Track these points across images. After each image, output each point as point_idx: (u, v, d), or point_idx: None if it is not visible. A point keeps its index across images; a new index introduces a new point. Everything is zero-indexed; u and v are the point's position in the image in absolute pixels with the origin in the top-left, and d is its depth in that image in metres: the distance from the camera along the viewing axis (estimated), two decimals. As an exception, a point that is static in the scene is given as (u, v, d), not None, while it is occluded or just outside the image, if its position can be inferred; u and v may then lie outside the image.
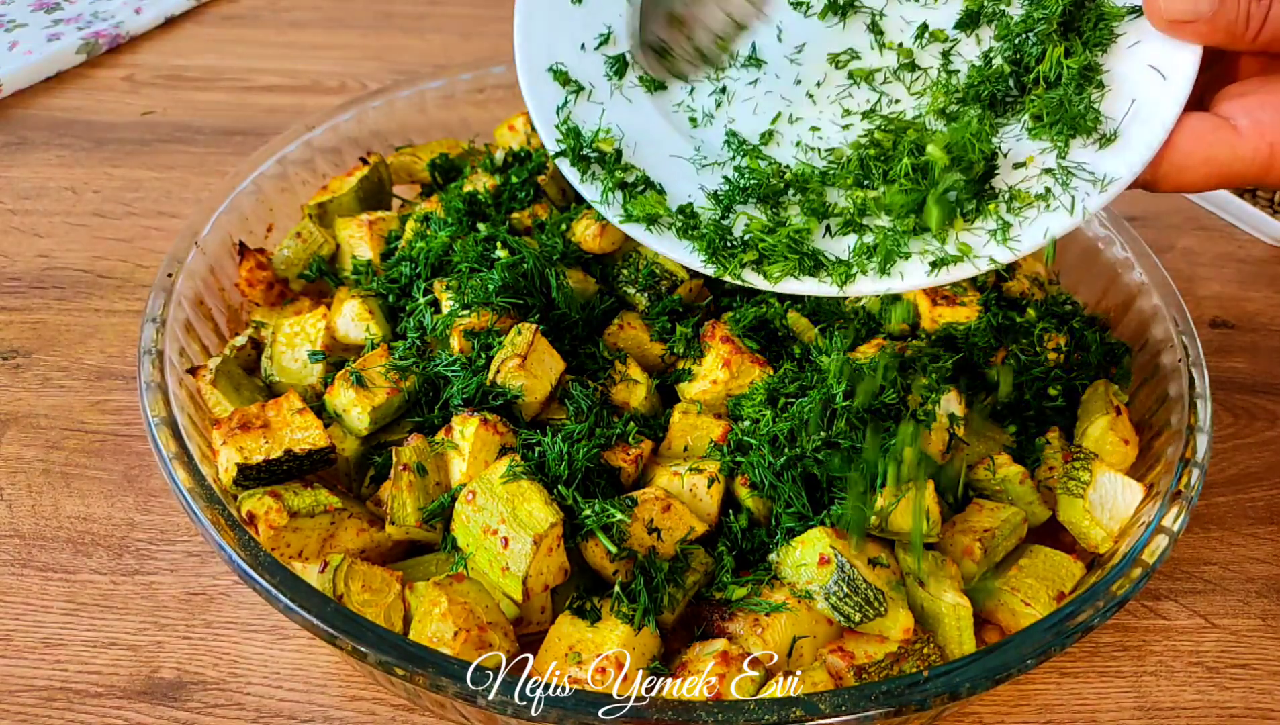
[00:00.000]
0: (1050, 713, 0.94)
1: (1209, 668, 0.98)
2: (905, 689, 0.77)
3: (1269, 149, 0.77)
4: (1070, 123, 0.84)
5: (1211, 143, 0.79)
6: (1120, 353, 1.12)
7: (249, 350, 1.09)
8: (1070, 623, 0.82)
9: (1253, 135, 0.77)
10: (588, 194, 0.95)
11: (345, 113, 1.35)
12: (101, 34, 1.79)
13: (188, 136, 1.61)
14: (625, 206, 0.93)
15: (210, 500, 0.87)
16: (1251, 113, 0.78)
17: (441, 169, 1.30)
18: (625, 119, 0.99)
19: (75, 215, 1.44)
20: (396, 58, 1.85)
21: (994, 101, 0.90)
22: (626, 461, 0.95)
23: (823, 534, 0.88)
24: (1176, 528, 0.90)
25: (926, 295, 1.09)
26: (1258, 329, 1.35)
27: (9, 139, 1.58)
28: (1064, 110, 0.85)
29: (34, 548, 1.03)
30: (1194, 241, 1.49)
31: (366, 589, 0.86)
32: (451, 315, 1.03)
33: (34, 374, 1.21)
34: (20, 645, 0.95)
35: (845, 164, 0.92)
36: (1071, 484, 0.97)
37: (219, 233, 1.17)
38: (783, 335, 1.06)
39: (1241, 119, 0.78)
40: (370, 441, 0.99)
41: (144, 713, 0.90)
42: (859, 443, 0.92)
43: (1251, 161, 0.78)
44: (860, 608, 0.85)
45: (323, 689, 0.93)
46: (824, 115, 0.98)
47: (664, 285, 1.13)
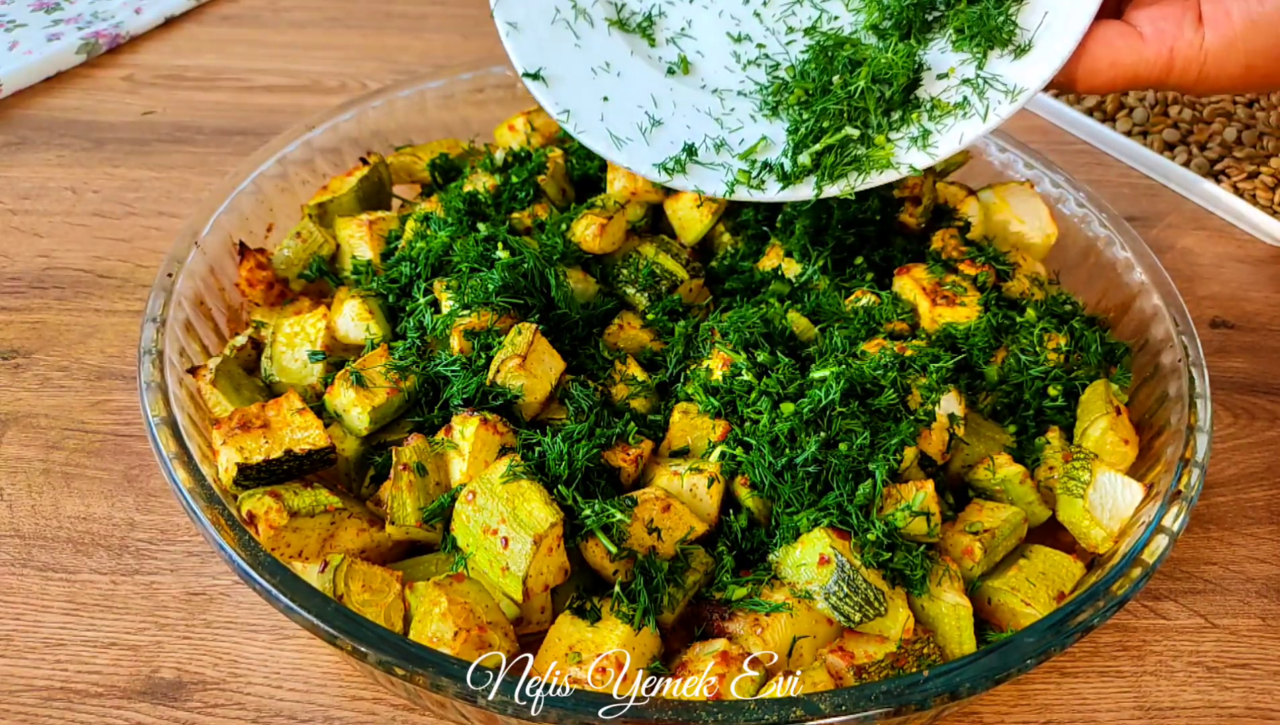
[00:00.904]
0: (1050, 713, 0.94)
1: (1209, 668, 0.98)
2: (905, 689, 0.77)
3: (1169, 53, 0.86)
4: (988, 35, 0.92)
5: (1119, 48, 0.87)
6: (1120, 353, 1.12)
7: (249, 350, 1.09)
8: (1070, 623, 0.83)
9: (1154, 40, 0.86)
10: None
11: (345, 113, 1.35)
12: (101, 34, 1.79)
13: (188, 136, 1.61)
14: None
15: (210, 500, 0.87)
16: (1155, 21, 0.87)
17: (441, 169, 1.30)
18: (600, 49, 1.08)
19: (75, 215, 1.44)
20: (396, 58, 1.85)
21: (923, 18, 0.97)
22: (626, 461, 0.95)
23: (823, 534, 0.88)
24: (1176, 528, 0.90)
25: (926, 295, 1.09)
26: (1258, 329, 1.35)
27: (9, 139, 1.58)
28: (983, 24, 0.92)
29: (34, 548, 1.03)
30: (1194, 241, 1.49)
31: (366, 589, 0.86)
32: (451, 315, 1.03)
33: (34, 374, 1.21)
34: (20, 645, 0.95)
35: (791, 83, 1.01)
36: (1071, 484, 0.97)
37: (219, 233, 1.17)
38: (786, 334, 1.06)
39: (1146, 26, 0.87)
40: (370, 441, 0.99)
41: (144, 713, 0.90)
42: (858, 445, 0.92)
43: (1154, 64, 0.87)
44: (860, 608, 0.85)
45: (323, 689, 0.93)
46: (770, 35, 1.06)
47: (664, 285, 1.13)
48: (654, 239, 1.17)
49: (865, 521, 0.89)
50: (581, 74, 1.07)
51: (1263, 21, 0.83)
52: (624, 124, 1.07)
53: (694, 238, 1.17)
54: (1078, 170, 1.60)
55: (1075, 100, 1.76)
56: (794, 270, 1.15)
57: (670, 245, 1.16)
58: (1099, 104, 1.73)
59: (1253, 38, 0.83)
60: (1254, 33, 0.83)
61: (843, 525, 0.89)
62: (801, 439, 0.92)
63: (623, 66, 1.07)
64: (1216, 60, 0.85)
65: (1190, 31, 0.85)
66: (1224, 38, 0.84)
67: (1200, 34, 0.85)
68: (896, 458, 0.92)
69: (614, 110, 1.07)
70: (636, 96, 1.08)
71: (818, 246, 1.15)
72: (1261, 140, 1.60)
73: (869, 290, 1.11)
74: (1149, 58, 0.87)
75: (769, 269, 1.16)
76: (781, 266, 1.16)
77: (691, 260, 1.16)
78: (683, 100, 1.08)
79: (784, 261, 1.16)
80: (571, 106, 1.05)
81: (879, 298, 1.09)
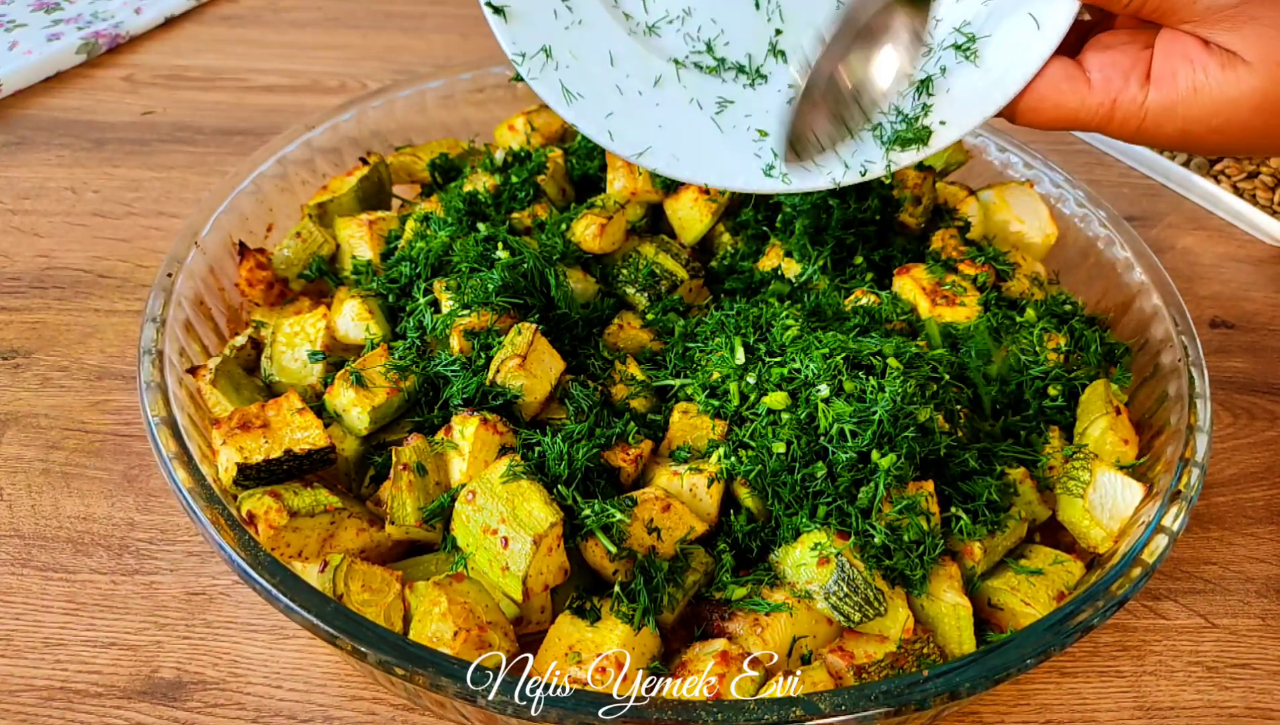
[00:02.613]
0: (1050, 712, 0.94)
1: (1209, 668, 0.98)
2: (905, 689, 0.77)
3: (1110, 104, 0.87)
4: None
5: (1064, 91, 0.88)
6: (1120, 353, 1.12)
7: (249, 350, 1.09)
8: (1070, 623, 0.82)
9: (1100, 89, 0.87)
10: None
11: (345, 113, 1.35)
12: (101, 34, 1.79)
13: (188, 136, 1.61)
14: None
15: (210, 500, 0.87)
16: (1104, 69, 0.87)
17: (441, 169, 1.30)
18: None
19: (75, 215, 1.44)
20: (396, 58, 1.85)
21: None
22: (626, 461, 0.95)
23: (823, 534, 0.88)
24: (1176, 527, 0.90)
25: (926, 295, 1.09)
26: (1258, 329, 1.35)
27: (9, 139, 1.58)
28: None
29: (34, 548, 1.03)
30: (1194, 241, 1.49)
31: (366, 589, 0.86)
32: (451, 315, 1.03)
33: (34, 374, 1.21)
34: (20, 645, 0.95)
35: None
36: (1071, 484, 0.97)
37: (219, 233, 1.17)
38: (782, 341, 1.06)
39: (1095, 73, 0.88)
40: (370, 441, 0.99)
41: (144, 713, 0.90)
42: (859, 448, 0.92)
43: (1095, 112, 0.87)
44: (860, 607, 0.85)
45: (323, 689, 0.93)
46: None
47: (664, 285, 1.13)
48: (654, 239, 1.17)
49: (865, 522, 0.89)
50: (546, 17, 1.01)
51: (1204, 91, 0.84)
52: (588, 83, 1.01)
53: (694, 237, 1.17)
54: (1078, 170, 1.60)
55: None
56: (794, 270, 1.15)
57: (670, 245, 1.16)
58: (1099, 104, 1.73)
59: (1192, 104, 0.85)
60: (1194, 99, 0.84)
61: (843, 526, 0.89)
62: (797, 448, 0.92)
63: (585, 15, 1.02)
64: (1155, 119, 0.86)
65: (1135, 88, 0.86)
66: (1166, 99, 0.85)
67: (1144, 91, 0.86)
68: (898, 467, 0.92)
69: (578, 69, 1.02)
70: (602, 55, 1.02)
71: (817, 246, 1.15)
72: (1261, 140, 1.60)
73: (869, 290, 1.11)
74: (1091, 105, 0.88)
75: (769, 269, 1.16)
76: (781, 266, 1.16)
77: (691, 260, 1.16)
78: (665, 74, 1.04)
79: (784, 261, 1.16)
80: (528, 51, 1.00)
81: (879, 298, 1.09)
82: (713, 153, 1.01)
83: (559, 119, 1.35)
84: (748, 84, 1.03)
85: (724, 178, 1.01)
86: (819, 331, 1.03)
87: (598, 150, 1.26)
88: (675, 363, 1.06)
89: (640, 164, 1.00)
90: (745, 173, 1.00)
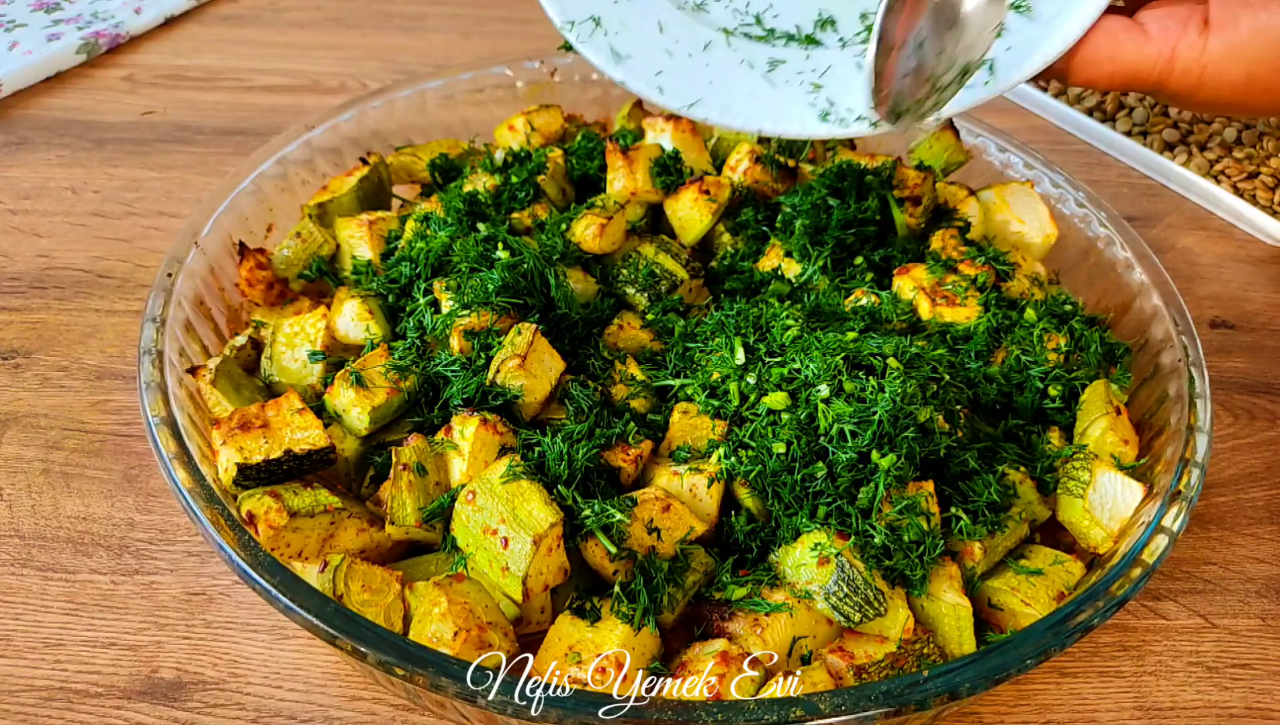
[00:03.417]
0: (1050, 713, 0.94)
1: (1209, 668, 0.98)
2: (905, 689, 0.77)
3: (1170, 52, 0.85)
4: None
5: (1121, 42, 0.86)
6: (1120, 353, 1.12)
7: (249, 350, 1.09)
8: (1070, 623, 0.82)
9: (1158, 38, 0.85)
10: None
11: (345, 113, 1.35)
12: (101, 34, 1.79)
13: (188, 136, 1.61)
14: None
15: (210, 500, 0.87)
16: (1162, 20, 0.86)
17: (441, 169, 1.30)
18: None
19: (75, 215, 1.44)
20: (396, 58, 1.85)
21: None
22: (626, 461, 0.95)
23: (823, 534, 0.88)
24: (1176, 528, 0.90)
25: (926, 295, 1.09)
26: (1258, 329, 1.35)
27: (9, 139, 1.58)
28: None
29: (34, 548, 1.03)
30: (1194, 241, 1.49)
31: (366, 589, 0.86)
32: (451, 315, 1.03)
33: (34, 374, 1.21)
34: (20, 645, 0.95)
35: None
36: (1071, 484, 0.97)
37: (219, 233, 1.17)
38: (782, 341, 1.06)
39: (1153, 25, 0.86)
40: (370, 441, 0.99)
41: (144, 713, 0.90)
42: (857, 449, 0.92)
43: (1154, 62, 0.85)
44: (860, 608, 0.85)
45: (323, 689, 0.93)
46: None
47: (664, 285, 1.13)
48: (654, 239, 1.17)
49: (865, 522, 0.89)
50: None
51: (1267, 32, 0.83)
52: (637, 47, 1.01)
53: (694, 237, 1.17)
54: (1078, 170, 1.60)
55: (1075, 100, 1.76)
56: (794, 270, 1.15)
57: (670, 245, 1.16)
58: (1099, 104, 1.73)
59: (1257, 44, 0.83)
60: (1258, 40, 0.83)
61: (842, 526, 0.89)
62: (797, 448, 0.92)
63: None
64: (1217, 66, 0.85)
65: (1194, 34, 0.85)
66: (1228, 43, 0.84)
67: (1204, 38, 0.84)
68: (898, 467, 0.92)
69: (626, 36, 1.01)
70: (651, 25, 1.02)
71: (817, 246, 1.15)
72: (1261, 141, 1.60)
73: (869, 290, 1.11)
74: (1150, 55, 0.86)
75: (769, 269, 1.16)
76: (781, 266, 1.16)
77: (691, 260, 1.16)
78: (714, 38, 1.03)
79: (784, 261, 1.16)
80: (576, 19, 1.00)
81: (879, 298, 1.09)
82: (766, 102, 1.00)
83: (559, 119, 1.35)
84: (800, 48, 1.02)
85: (779, 124, 0.99)
86: (819, 332, 1.03)
87: (598, 150, 1.26)
88: (675, 363, 1.06)
89: (691, 115, 0.99)
90: (801, 119, 0.99)
